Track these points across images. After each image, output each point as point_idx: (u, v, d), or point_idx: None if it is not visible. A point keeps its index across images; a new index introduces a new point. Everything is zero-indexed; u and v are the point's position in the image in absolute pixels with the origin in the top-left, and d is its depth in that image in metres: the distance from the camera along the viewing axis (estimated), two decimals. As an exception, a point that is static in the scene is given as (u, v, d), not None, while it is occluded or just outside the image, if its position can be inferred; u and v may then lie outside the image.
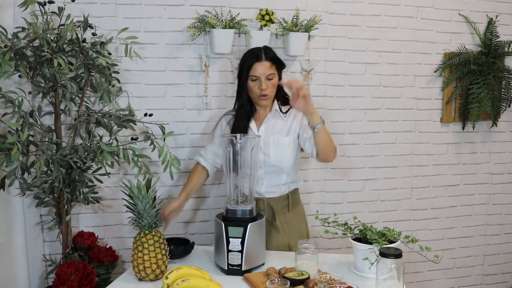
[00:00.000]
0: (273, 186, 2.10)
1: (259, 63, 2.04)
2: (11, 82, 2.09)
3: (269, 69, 2.04)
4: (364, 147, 2.88)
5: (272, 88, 2.07)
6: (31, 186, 2.01)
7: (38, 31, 1.84)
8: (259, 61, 2.04)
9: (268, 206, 2.10)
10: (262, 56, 2.04)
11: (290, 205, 2.13)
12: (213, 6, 2.50)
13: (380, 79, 2.86)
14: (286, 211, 2.13)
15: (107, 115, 2.08)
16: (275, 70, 2.07)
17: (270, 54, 2.07)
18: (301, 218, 2.20)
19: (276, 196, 2.11)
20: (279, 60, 2.10)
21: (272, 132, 2.10)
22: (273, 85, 2.07)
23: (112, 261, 2.29)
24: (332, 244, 2.81)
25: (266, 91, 2.04)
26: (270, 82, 2.05)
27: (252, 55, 2.07)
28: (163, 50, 2.52)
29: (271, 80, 2.05)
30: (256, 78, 2.05)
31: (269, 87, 2.04)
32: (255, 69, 2.04)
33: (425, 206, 3.03)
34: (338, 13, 2.74)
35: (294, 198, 2.16)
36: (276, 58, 2.09)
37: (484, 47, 2.95)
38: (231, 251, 1.78)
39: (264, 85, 2.03)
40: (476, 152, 3.09)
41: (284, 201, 2.12)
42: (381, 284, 1.54)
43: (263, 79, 2.03)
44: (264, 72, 2.03)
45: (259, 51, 2.07)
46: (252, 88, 2.07)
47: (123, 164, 2.41)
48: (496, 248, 3.20)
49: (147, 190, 1.75)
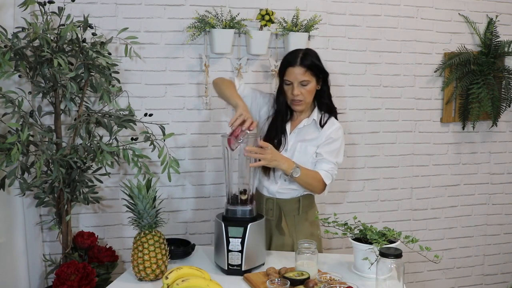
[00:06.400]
0: (286, 188, 2.07)
1: (292, 68, 1.98)
2: (11, 82, 2.09)
3: (303, 75, 1.97)
4: (364, 147, 2.88)
5: (307, 94, 2.00)
6: (31, 186, 2.01)
7: (38, 31, 1.84)
8: (292, 66, 1.98)
9: (276, 206, 2.08)
10: (297, 61, 1.97)
11: (300, 209, 2.09)
12: (213, 6, 2.50)
13: (380, 79, 2.86)
14: (295, 214, 2.09)
15: (107, 115, 2.08)
16: (311, 76, 1.98)
17: (307, 60, 1.97)
18: (313, 223, 2.13)
19: (287, 198, 2.08)
20: (318, 66, 2.00)
21: (302, 139, 2.06)
22: (308, 91, 2.00)
23: (112, 261, 2.29)
24: (332, 244, 2.81)
25: (298, 97, 1.99)
26: (304, 88, 1.98)
27: (288, 59, 2.02)
28: (163, 50, 2.52)
29: (305, 86, 1.99)
30: (290, 82, 2.00)
31: (302, 94, 1.99)
32: (288, 74, 2.00)
33: (425, 206, 3.03)
34: (338, 13, 2.74)
35: (306, 203, 2.11)
36: (313, 64, 1.98)
37: (484, 47, 2.95)
38: (231, 251, 1.78)
39: (296, 90, 1.98)
40: (476, 152, 3.09)
41: (294, 204, 2.08)
42: (381, 284, 1.54)
43: (296, 84, 1.98)
44: (296, 77, 1.97)
45: (295, 56, 2.00)
46: (286, 92, 2.04)
47: (123, 164, 2.41)
48: (496, 248, 3.20)
49: (147, 190, 1.75)
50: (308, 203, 2.12)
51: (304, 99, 2.01)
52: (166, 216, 2.47)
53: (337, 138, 2.04)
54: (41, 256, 2.35)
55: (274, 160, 1.87)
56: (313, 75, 1.99)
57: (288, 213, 2.08)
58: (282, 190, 2.07)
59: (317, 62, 2.01)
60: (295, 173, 1.91)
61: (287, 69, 2.00)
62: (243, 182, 1.91)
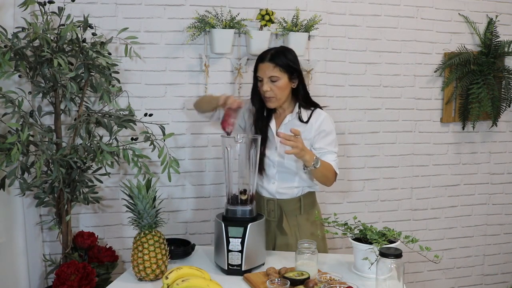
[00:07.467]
0: (284, 188, 2.07)
1: (262, 64, 2.01)
2: (11, 82, 2.09)
3: (272, 71, 1.98)
4: (364, 147, 2.88)
5: (278, 90, 2.00)
6: (31, 186, 2.01)
7: (38, 31, 1.84)
8: (262, 62, 2.01)
9: (278, 207, 2.07)
10: (267, 58, 2.00)
11: (302, 208, 2.08)
12: (213, 6, 2.50)
13: (380, 79, 2.86)
14: (297, 214, 2.08)
15: (107, 115, 2.08)
16: (281, 73, 1.99)
17: (278, 57, 1.99)
18: (315, 222, 2.12)
19: (287, 198, 2.07)
20: (287, 64, 1.99)
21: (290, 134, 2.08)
22: (279, 88, 2.00)
23: (112, 261, 2.29)
24: (332, 244, 2.81)
25: (268, 93, 2.00)
26: (273, 84, 2.00)
27: (260, 55, 2.05)
28: (163, 50, 2.52)
29: (274, 82, 2.00)
30: (261, 78, 2.02)
31: (272, 90, 2.00)
32: (259, 70, 2.03)
33: (425, 206, 3.03)
34: (338, 13, 2.74)
35: (307, 202, 2.10)
36: (283, 61, 1.99)
37: (484, 47, 2.95)
38: (231, 251, 1.78)
39: (265, 86, 2.00)
40: (476, 152, 3.09)
41: (295, 204, 2.08)
42: (381, 284, 1.54)
43: (265, 80, 2.00)
44: (265, 73, 2.00)
45: (266, 52, 2.04)
46: (259, 88, 2.06)
47: (123, 164, 2.41)
48: (496, 248, 3.20)
49: (147, 190, 1.75)
50: (309, 202, 2.12)
51: (275, 95, 2.01)
52: (166, 216, 2.49)
53: (330, 130, 2.06)
54: (41, 256, 2.35)
55: (303, 150, 1.84)
56: (283, 71, 2.00)
57: (289, 213, 2.08)
58: (281, 190, 2.07)
59: (288, 60, 2.01)
60: (317, 164, 1.89)
61: (258, 65, 2.03)
62: (243, 182, 1.91)
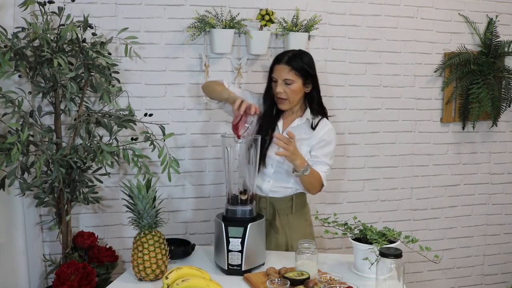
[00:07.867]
0: (278, 187, 2.09)
1: (278, 65, 2.02)
2: (11, 82, 2.09)
3: (287, 74, 2.00)
4: (364, 147, 2.88)
5: (291, 93, 2.02)
6: (31, 186, 2.01)
7: (38, 31, 1.84)
8: (278, 63, 2.03)
9: (270, 205, 2.09)
10: (284, 60, 2.01)
11: (293, 207, 2.11)
12: (213, 6, 2.50)
13: (380, 79, 2.86)
14: (289, 213, 2.10)
15: (107, 115, 2.08)
16: (296, 76, 2.00)
17: (295, 60, 2.00)
18: (306, 221, 2.17)
19: (280, 197, 2.09)
20: (303, 68, 2.01)
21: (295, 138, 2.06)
22: (292, 91, 2.01)
23: (112, 261, 2.29)
24: (332, 244, 2.81)
25: (281, 94, 2.02)
26: (287, 87, 2.01)
27: (277, 56, 2.06)
28: (163, 50, 2.52)
29: (289, 85, 2.01)
30: (276, 79, 2.04)
31: (286, 92, 2.01)
32: (274, 71, 2.04)
33: (425, 206, 3.03)
34: (338, 13, 2.74)
35: (299, 201, 2.13)
36: (299, 65, 2.00)
37: (484, 47, 2.95)
38: (231, 251, 1.78)
39: (279, 88, 2.01)
40: (476, 152, 3.09)
41: (287, 203, 2.10)
42: (381, 284, 1.54)
43: (280, 82, 2.01)
44: (280, 75, 2.01)
45: (284, 54, 2.05)
46: (273, 89, 2.06)
47: (123, 164, 2.41)
48: (496, 248, 3.20)
49: (147, 190, 1.75)
50: (301, 202, 2.15)
51: (288, 98, 2.03)
52: (166, 216, 2.48)
53: (330, 141, 2.07)
54: (41, 256, 2.35)
55: (293, 154, 1.88)
56: (298, 75, 2.01)
57: (281, 212, 2.09)
58: (275, 189, 2.09)
59: (304, 64, 2.02)
60: (306, 171, 1.92)
61: (274, 66, 2.05)
62: (243, 182, 1.91)
